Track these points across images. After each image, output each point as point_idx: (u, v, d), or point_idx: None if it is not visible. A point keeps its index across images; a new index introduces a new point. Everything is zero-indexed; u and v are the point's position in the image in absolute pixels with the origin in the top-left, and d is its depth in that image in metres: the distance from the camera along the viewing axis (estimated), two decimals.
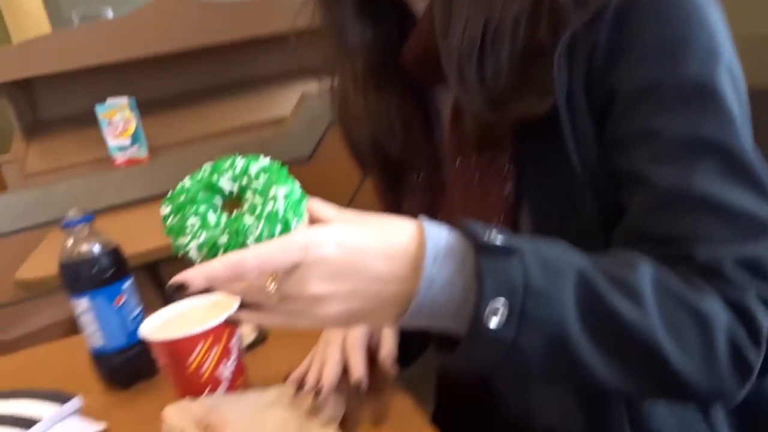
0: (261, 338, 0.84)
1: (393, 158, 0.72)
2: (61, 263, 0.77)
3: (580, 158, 0.55)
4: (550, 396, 0.71)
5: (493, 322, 0.43)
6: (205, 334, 0.65)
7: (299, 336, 0.80)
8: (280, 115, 2.19)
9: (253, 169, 0.48)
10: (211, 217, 0.47)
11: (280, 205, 0.46)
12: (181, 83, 2.29)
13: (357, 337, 0.67)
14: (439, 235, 0.47)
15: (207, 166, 0.50)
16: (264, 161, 0.49)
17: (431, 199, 0.72)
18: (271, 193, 0.46)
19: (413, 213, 0.73)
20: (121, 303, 0.78)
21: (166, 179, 2.01)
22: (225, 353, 0.67)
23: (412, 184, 0.73)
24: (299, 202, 0.47)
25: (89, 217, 0.77)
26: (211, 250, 0.45)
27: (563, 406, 0.69)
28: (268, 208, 0.45)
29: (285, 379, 0.68)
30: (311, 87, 2.15)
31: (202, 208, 0.47)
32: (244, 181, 0.48)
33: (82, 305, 0.76)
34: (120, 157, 1.99)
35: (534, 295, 0.44)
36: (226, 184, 0.48)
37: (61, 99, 2.21)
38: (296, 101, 2.14)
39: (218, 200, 0.49)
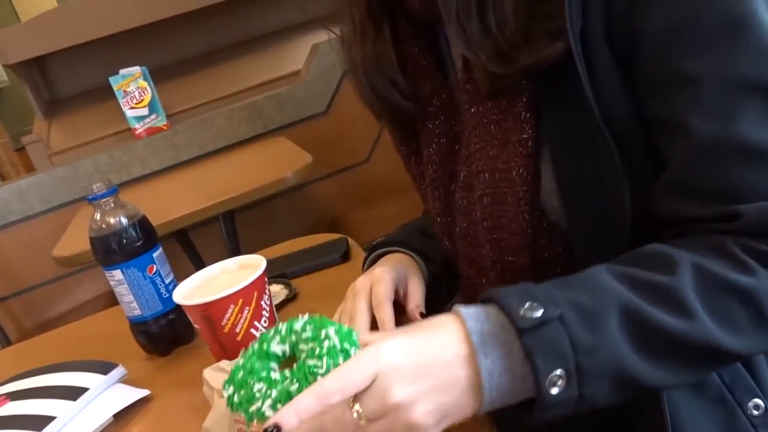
0: (292, 296, 0.85)
1: (399, 108, 0.70)
2: (90, 237, 0.78)
3: (600, 103, 0.52)
4: None
5: (556, 389, 0.45)
6: (235, 295, 0.66)
7: (328, 292, 0.81)
8: (294, 69, 2.16)
9: (297, 325, 0.51)
10: (275, 375, 0.49)
11: (335, 340, 0.49)
12: (190, 47, 2.27)
13: (384, 289, 0.67)
14: (479, 324, 0.48)
15: (253, 342, 0.53)
16: (304, 317, 0.52)
17: (449, 148, 0.70)
18: (323, 334, 0.49)
19: (431, 163, 0.71)
20: (153, 272, 0.79)
21: (187, 145, 2.02)
22: (257, 312, 0.68)
23: (429, 133, 0.71)
24: (350, 333, 0.50)
25: (113, 190, 0.77)
26: (286, 401, 0.46)
27: None
28: (326, 345, 0.48)
29: None
30: (321, 37, 2.11)
31: (263, 374, 0.49)
32: (293, 338, 0.51)
33: (115, 277, 0.78)
34: (140, 128, 2.00)
35: (584, 352, 0.45)
36: (277, 348, 0.51)
37: (75, 74, 2.22)
38: (308, 53, 2.10)
39: (274, 365, 0.52)
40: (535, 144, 0.58)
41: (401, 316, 0.67)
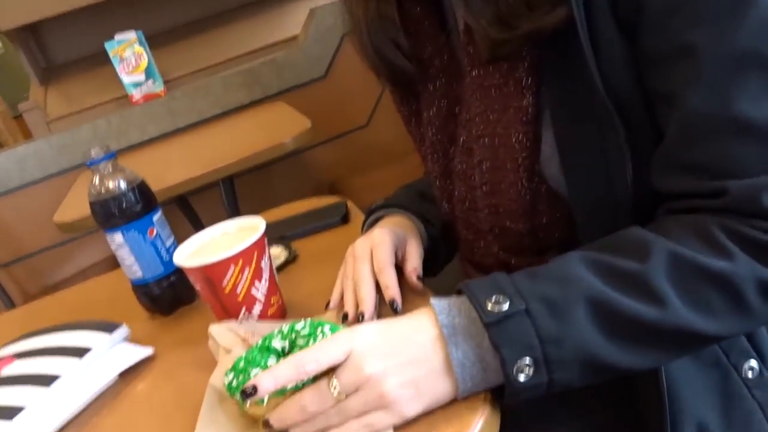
0: (292, 258, 0.86)
1: (401, 68, 0.69)
2: (90, 201, 0.78)
3: (603, 73, 0.52)
4: None
5: (524, 377, 0.47)
6: (235, 257, 0.66)
7: (328, 254, 0.82)
8: (292, 34, 2.14)
9: (298, 326, 0.56)
10: (272, 362, 0.54)
11: (328, 334, 0.54)
12: (187, 12, 2.24)
13: (385, 253, 0.67)
14: (450, 318, 0.51)
15: (257, 341, 0.58)
16: (306, 320, 0.56)
17: (449, 110, 0.69)
18: (318, 330, 0.55)
19: (431, 126, 0.71)
20: (153, 235, 0.80)
21: (185, 111, 2.01)
22: (257, 273, 0.68)
23: (429, 95, 0.71)
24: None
25: (111, 155, 0.78)
26: None
27: None
28: (318, 337, 0.54)
29: (326, 308, 0.69)
30: (319, 1, 2.09)
31: (262, 363, 0.54)
32: (293, 336, 0.56)
33: (116, 240, 0.79)
34: (137, 94, 1.99)
35: (551, 341, 0.47)
36: (277, 344, 0.56)
37: (70, 41, 2.20)
38: (305, 17, 2.08)
39: (273, 359, 0.55)
40: (536, 110, 0.58)
41: (401, 279, 0.68)
